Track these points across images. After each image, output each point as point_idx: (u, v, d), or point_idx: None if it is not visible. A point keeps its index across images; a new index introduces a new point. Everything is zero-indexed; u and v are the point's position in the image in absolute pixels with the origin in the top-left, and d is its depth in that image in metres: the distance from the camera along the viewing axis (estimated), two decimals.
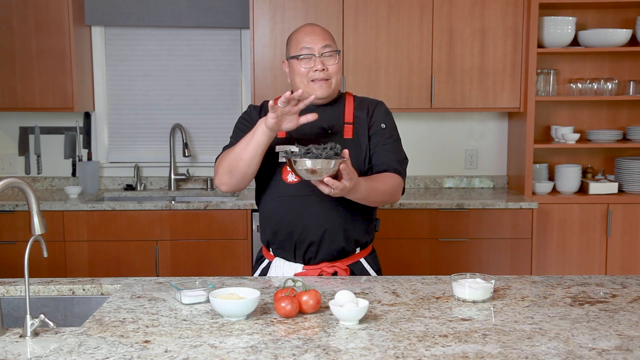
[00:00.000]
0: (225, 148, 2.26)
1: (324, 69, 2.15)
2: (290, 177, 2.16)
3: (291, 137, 2.18)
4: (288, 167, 2.05)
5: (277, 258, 2.25)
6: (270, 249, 2.28)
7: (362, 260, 2.26)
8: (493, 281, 1.88)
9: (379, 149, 2.20)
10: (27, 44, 3.91)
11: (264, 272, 2.28)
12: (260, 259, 2.34)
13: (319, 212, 2.15)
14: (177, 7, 4.20)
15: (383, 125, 2.23)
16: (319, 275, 2.18)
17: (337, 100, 2.28)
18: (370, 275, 2.26)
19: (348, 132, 2.20)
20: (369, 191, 2.05)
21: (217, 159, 2.24)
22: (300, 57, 2.16)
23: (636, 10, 4.12)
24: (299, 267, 2.21)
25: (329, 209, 2.15)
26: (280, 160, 2.19)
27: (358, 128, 2.22)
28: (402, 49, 3.92)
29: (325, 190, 1.91)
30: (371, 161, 2.21)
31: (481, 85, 3.94)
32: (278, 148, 2.19)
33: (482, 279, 1.90)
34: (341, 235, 2.18)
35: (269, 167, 2.19)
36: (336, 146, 1.90)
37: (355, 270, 2.24)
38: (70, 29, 3.91)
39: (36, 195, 1.66)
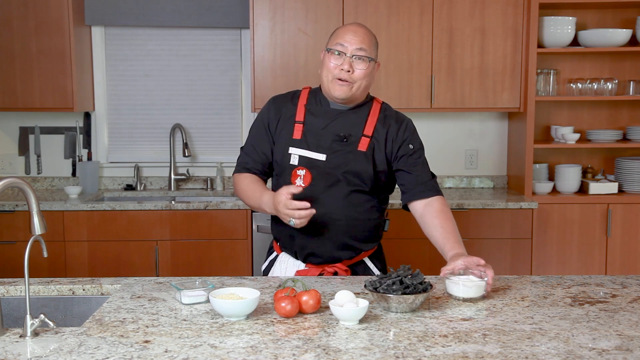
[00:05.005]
0: (243, 154, 2.31)
1: (349, 71, 2.12)
2: (298, 182, 2.17)
3: (305, 140, 2.18)
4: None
5: (283, 253, 2.29)
6: (278, 242, 2.32)
7: (366, 260, 2.28)
8: (486, 278, 1.89)
9: (412, 170, 2.22)
10: (27, 44, 3.91)
11: (271, 264, 2.33)
12: (271, 250, 2.38)
13: (323, 225, 2.16)
14: (177, 7, 4.19)
15: (411, 147, 2.22)
16: (319, 274, 2.19)
17: (362, 106, 2.24)
18: (373, 273, 2.27)
19: (363, 145, 2.18)
20: (460, 239, 2.15)
21: (236, 170, 2.31)
22: (332, 51, 2.15)
23: (636, 10, 4.12)
24: (301, 265, 2.24)
25: (334, 222, 2.17)
26: (291, 162, 2.19)
27: (374, 143, 2.19)
28: (402, 49, 3.92)
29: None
30: (400, 180, 2.24)
31: (481, 85, 3.94)
32: (291, 150, 2.19)
33: (476, 277, 1.90)
34: (345, 247, 2.20)
35: (283, 166, 2.21)
36: (426, 281, 1.82)
37: (359, 270, 2.26)
38: (70, 29, 3.91)
39: (36, 195, 1.66)
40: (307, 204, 1.99)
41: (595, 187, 3.97)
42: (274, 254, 2.34)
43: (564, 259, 3.94)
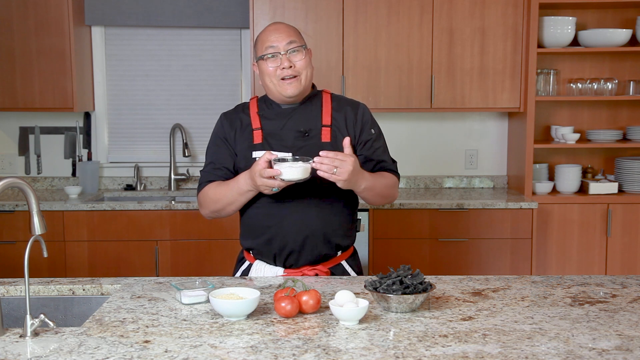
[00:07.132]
0: (204, 173, 2.25)
1: (291, 66, 2.13)
2: None
3: (267, 143, 2.16)
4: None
5: (257, 261, 2.24)
6: (251, 252, 2.27)
7: (344, 263, 2.26)
8: (311, 160, 1.95)
9: (373, 157, 2.22)
10: (27, 44, 3.91)
11: (245, 274, 2.28)
12: (242, 260, 2.32)
13: (298, 220, 2.14)
14: (177, 7, 4.20)
15: (372, 132, 2.24)
16: None
17: (313, 98, 2.24)
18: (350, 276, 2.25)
19: (326, 135, 2.17)
20: (374, 181, 2.10)
21: (198, 190, 2.24)
22: (266, 56, 2.15)
23: (636, 10, 4.12)
24: (279, 271, 2.20)
25: (309, 216, 2.14)
26: None
27: (336, 131, 2.18)
28: (402, 49, 3.92)
29: (327, 176, 1.95)
30: (361, 166, 2.20)
31: (481, 85, 3.94)
32: (255, 154, 2.16)
33: (303, 161, 1.97)
34: (321, 241, 2.17)
35: None
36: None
37: (337, 273, 2.23)
38: (70, 29, 3.91)
39: (36, 195, 1.66)
40: (278, 171, 1.95)
41: (595, 187, 3.97)
42: (246, 263, 2.29)
43: (564, 259, 3.94)
